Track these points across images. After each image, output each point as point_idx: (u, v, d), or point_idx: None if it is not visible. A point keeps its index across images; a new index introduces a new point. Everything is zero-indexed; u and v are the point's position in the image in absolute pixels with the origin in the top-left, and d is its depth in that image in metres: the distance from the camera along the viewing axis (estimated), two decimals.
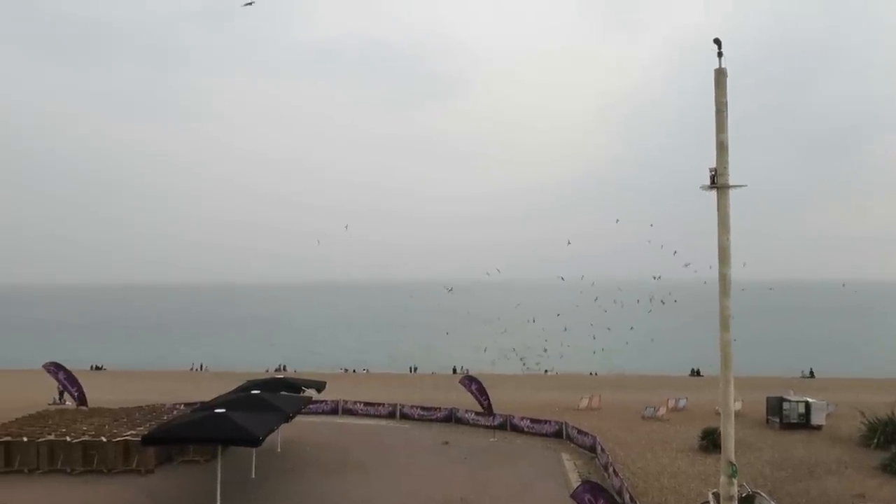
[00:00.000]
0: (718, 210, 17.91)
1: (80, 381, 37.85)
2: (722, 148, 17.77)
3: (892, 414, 30.69)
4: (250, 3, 41.94)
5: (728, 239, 17.88)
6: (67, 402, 38.45)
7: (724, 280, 17.78)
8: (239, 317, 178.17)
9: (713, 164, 17.78)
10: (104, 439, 26.53)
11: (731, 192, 17.83)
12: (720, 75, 17.71)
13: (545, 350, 79.88)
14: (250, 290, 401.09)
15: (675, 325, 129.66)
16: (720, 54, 17.57)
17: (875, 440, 29.64)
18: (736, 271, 18.15)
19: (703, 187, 18.04)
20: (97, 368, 68.79)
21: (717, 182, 17.79)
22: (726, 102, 17.77)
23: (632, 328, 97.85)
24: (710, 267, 19.12)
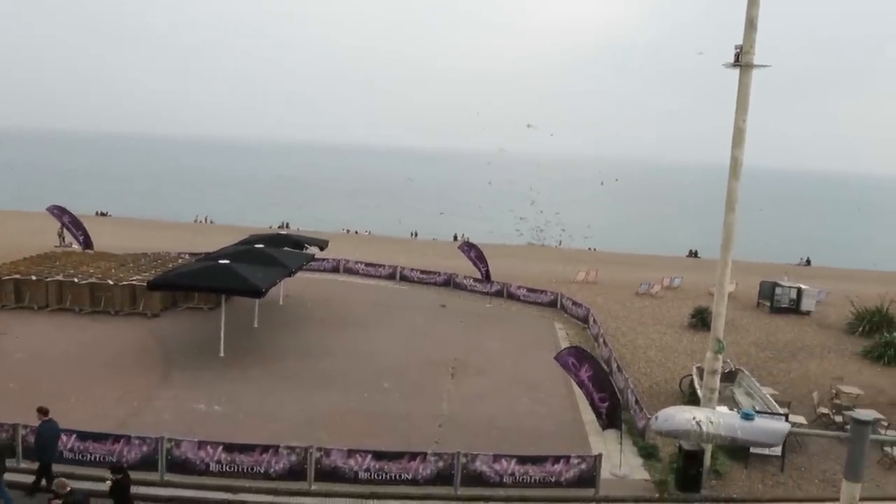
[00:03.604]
0: (739, 90, 17.30)
1: (84, 225, 38.35)
2: (751, 25, 16.90)
3: (881, 304, 31.36)
4: None
5: (744, 120, 17.38)
6: (73, 245, 39.11)
7: (735, 162, 17.45)
8: (244, 174, 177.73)
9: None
10: (111, 282, 27.26)
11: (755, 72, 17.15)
12: None
13: (549, 221, 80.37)
14: (256, 147, 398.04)
15: (678, 207, 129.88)
16: None
17: (861, 328, 30.49)
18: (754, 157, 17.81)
19: (726, 65, 17.35)
20: (102, 215, 69.52)
21: (742, 60, 17.08)
22: None
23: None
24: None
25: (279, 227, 63.23)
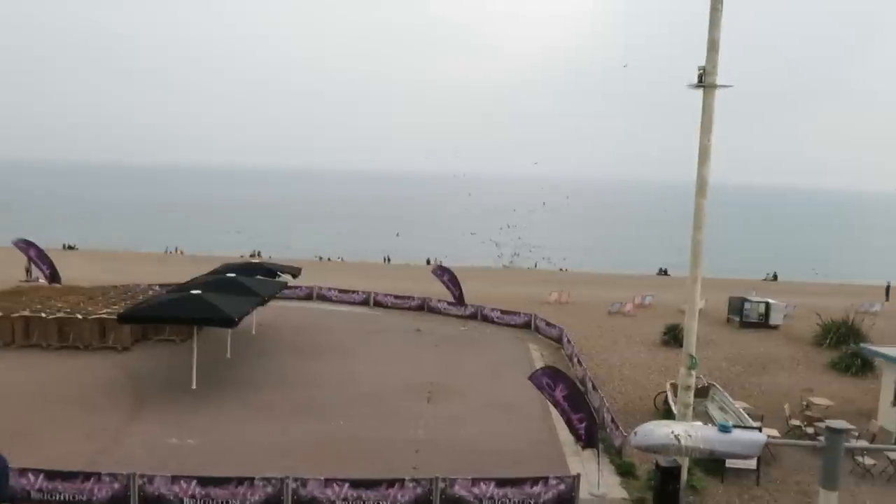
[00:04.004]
0: (703, 110, 17.72)
1: (51, 259, 37.68)
2: (713, 46, 17.36)
3: (846, 316, 32.03)
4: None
5: (709, 140, 17.78)
6: (40, 280, 38.37)
7: (701, 180, 17.84)
8: (210, 200, 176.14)
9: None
10: (80, 316, 26.76)
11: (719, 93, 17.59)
12: None
13: (524, 244, 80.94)
14: (220, 172, 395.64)
15: (646, 225, 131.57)
16: None
17: (827, 340, 31.09)
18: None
19: (690, 85, 17.77)
20: (69, 248, 68.36)
21: (705, 81, 17.53)
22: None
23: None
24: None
25: (250, 256, 62.76)
